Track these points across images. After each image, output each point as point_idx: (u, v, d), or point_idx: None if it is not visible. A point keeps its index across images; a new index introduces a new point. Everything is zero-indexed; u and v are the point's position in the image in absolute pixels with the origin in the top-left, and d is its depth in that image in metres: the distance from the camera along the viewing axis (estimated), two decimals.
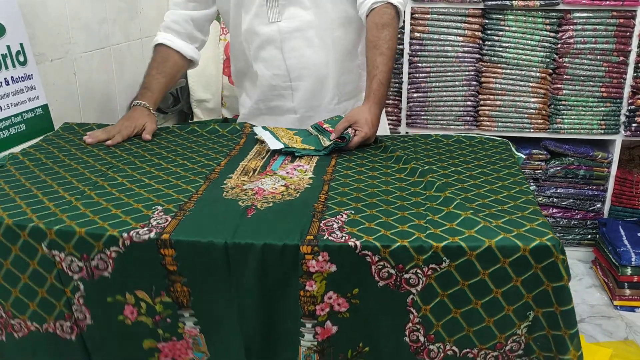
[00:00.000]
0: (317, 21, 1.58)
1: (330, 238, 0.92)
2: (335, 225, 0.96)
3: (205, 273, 0.93)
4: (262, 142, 1.41)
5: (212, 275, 0.93)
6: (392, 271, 0.90)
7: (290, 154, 1.34)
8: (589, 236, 2.89)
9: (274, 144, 1.36)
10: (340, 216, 1.00)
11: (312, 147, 1.37)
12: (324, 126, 1.44)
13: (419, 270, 0.90)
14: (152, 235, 0.93)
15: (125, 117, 1.53)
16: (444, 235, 0.93)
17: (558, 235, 2.89)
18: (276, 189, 1.12)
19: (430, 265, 0.90)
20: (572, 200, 2.83)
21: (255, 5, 1.57)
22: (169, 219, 0.98)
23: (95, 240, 0.95)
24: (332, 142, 1.36)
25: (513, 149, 1.38)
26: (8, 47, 1.44)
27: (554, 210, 2.85)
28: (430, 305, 0.90)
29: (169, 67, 1.66)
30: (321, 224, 0.97)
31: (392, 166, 1.27)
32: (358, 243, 0.91)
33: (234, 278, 0.92)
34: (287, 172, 1.22)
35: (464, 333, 0.92)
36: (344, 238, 0.92)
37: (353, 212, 1.02)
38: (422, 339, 0.92)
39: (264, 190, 1.11)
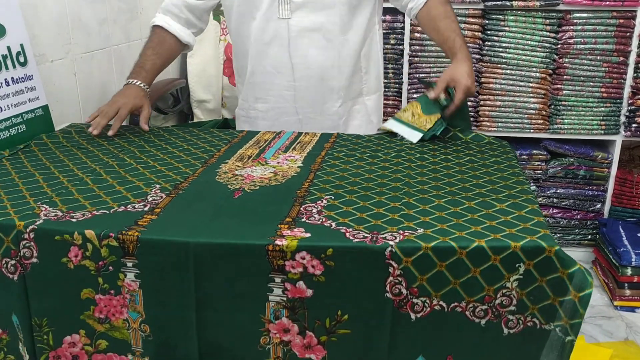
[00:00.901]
0: (327, 23, 1.56)
1: (308, 221, 0.96)
2: (315, 210, 1.01)
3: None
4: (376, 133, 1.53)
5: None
6: (366, 235, 0.91)
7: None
8: (589, 237, 2.89)
9: (413, 136, 1.43)
10: (320, 201, 1.05)
11: (438, 116, 1.44)
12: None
13: (394, 233, 0.91)
14: (146, 209, 1.02)
15: (121, 94, 1.54)
16: (417, 215, 0.98)
17: (558, 235, 2.90)
18: (265, 175, 1.19)
19: (406, 231, 0.92)
20: (572, 201, 2.83)
21: (266, 1, 1.55)
22: (164, 196, 1.07)
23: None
24: (443, 110, 1.45)
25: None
26: (8, 47, 1.44)
27: (554, 211, 2.85)
28: (412, 258, 0.89)
29: (165, 49, 1.66)
30: (301, 208, 1.02)
31: (379, 156, 1.31)
32: (334, 224, 0.95)
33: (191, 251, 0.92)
34: (278, 162, 1.28)
35: (450, 287, 0.91)
36: (321, 220, 0.96)
37: (333, 197, 1.07)
38: (404, 291, 0.90)
39: (253, 176, 1.18)
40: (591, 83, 2.65)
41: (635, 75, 2.60)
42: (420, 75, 2.73)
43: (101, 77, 2.01)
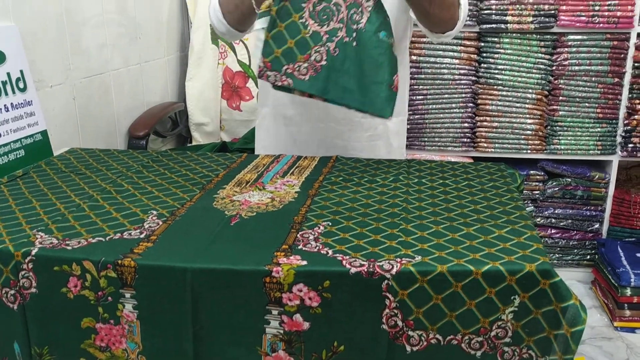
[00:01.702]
0: None
1: (304, 248, 0.96)
2: (311, 237, 1.01)
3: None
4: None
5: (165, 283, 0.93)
6: (363, 262, 0.91)
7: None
8: (588, 257, 2.89)
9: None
10: (317, 228, 1.05)
11: None
12: None
13: (392, 261, 0.91)
14: (142, 236, 1.01)
15: None
16: (415, 242, 0.98)
17: (557, 255, 2.89)
18: (262, 200, 1.19)
19: (404, 259, 0.92)
20: (570, 221, 2.83)
21: None
22: (160, 223, 1.07)
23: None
24: None
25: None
26: (8, 74, 1.45)
27: (552, 231, 2.85)
28: (408, 290, 0.89)
29: None
30: (298, 235, 1.01)
31: (377, 181, 1.31)
32: (330, 251, 0.95)
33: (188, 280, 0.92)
34: (276, 187, 1.28)
35: (446, 319, 0.90)
36: (317, 248, 0.96)
37: (330, 223, 1.07)
38: (400, 323, 0.90)
39: (250, 202, 1.18)
40: (587, 104, 2.67)
41: (630, 96, 2.63)
42: (417, 97, 2.75)
43: (100, 101, 2.02)
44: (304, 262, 0.91)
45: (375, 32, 1.31)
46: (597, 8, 2.52)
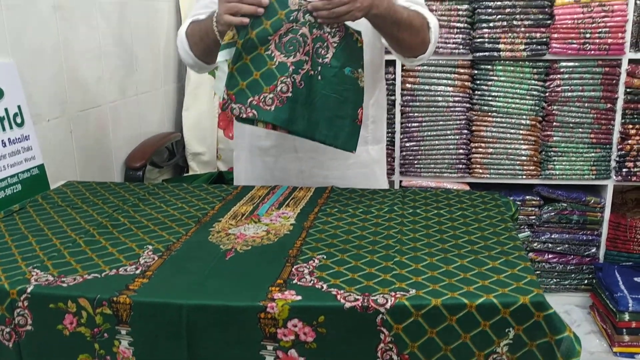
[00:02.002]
0: None
1: (299, 283, 0.96)
2: (306, 270, 1.01)
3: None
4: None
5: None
6: (358, 297, 0.91)
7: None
8: (586, 281, 2.88)
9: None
10: (312, 261, 1.05)
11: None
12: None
13: (386, 295, 0.91)
14: (137, 272, 1.01)
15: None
16: (409, 275, 0.99)
17: (555, 280, 2.89)
18: (257, 233, 1.20)
19: (398, 292, 0.92)
20: (567, 246, 2.84)
21: None
22: (156, 258, 1.08)
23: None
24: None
25: None
26: (6, 109, 1.47)
27: (549, 256, 2.86)
28: (403, 325, 0.89)
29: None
30: (293, 269, 1.02)
31: (372, 212, 1.32)
32: (325, 285, 0.95)
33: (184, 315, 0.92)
34: (271, 220, 1.28)
35: (441, 353, 0.90)
36: (312, 282, 0.97)
37: (325, 257, 1.07)
38: (395, 358, 0.90)
39: (246, 235, 1.18)
40: (580, 129, 2.69)
41: (623, 121, 2.65)
42: (412, 124, 2.77)
43: (97, 133, 2.04)
44: (299, 297, 0.91)
45: (341, 68, 1.33)
46: (588, 35, 2.56)
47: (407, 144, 2.79)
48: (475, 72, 2.70)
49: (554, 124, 2.70)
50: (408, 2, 1.51)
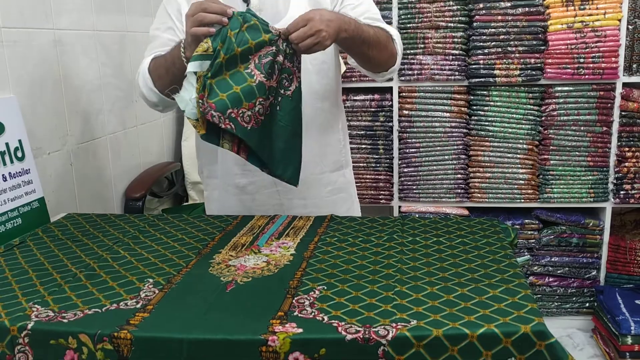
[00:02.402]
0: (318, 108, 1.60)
1: (300, 315, 0.96)
2: (307, 302, 1.02)
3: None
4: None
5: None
6: (359, 328, 0.91)
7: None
8: (587, 304, 2.87)
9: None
10: (312, 292, 1.06)
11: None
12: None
13: (387, 326, 0.92)
14: (138, 306, 1.02)
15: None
16: (410, 305, 0.99)
17: (556, 304, 2.88)
18: (257, 264, 1.20)
19: (399, 323, 0.92)
20: (567, 269, 2.83)
21: None
22: (156, 291, 1.08)
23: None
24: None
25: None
26: (7, 144, 1.48)
27: (550, 279, 2.85)
28: (404, 356, 0.89)
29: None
30: (293, 301, 1.02)
31: (371, 240, 1.33)
32: (326, 317, 0.95)
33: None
34: (271, 250, 1.28)
35: None
36: (313, 314, 0.97)
37: (325, 287, 1.08)
38: None
39: (246, 266, 1.19)
40: (577, 153, 2.71)
41: (619, 144, 2.67)
42: (410, 150, 2.78)
43: (97, 165, 2.05)
44: (300, 330, 0.91)
45: (299, 103, 1.37)
46: (582, 60, 2.59)
47: (406, 170, 2.81)
48: (472, 97, 2.73)
49: (551, 147, 2.72)
50: (366, 19, 1.55)
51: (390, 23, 2.61)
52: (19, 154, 1.52)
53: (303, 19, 1.32)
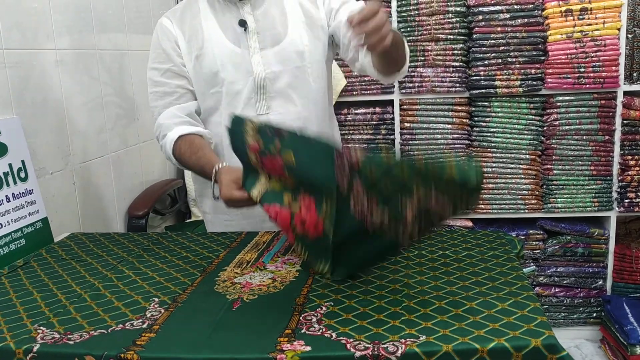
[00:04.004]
0: (305, 112, 1.60)
1: (308, 332, 0.96)
2: (314, 319, 1.01)
3: None
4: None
5: None
6: (368, 345, 0.90)
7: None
8: (594, 314, 2.85)
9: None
10: (319, 309, 1.05)
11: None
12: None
13: (396, 342, 0.91)
14: (144, 326, 1.01)
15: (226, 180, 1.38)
16: (418, 320, 0.99)
17: (563, 314, 2.86)
18: (263, 281, 1.19)
19: (408, 339, 0.91)
20: (573, 279, 2.81)
21: (242, 99, 1.56)
22: (162, 311, 1.07)
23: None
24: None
25: None
26: (10, 165, 1.48)
27: (556, 290, 2.83)
28: None
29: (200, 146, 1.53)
30: (301, 318, 1.01)
31: None
32: (334, 334, 0.95)
33: None
34: (277, 267, 1.28)
35: None
36: (321, 331, 0.96)
37: (332, 304, 1.07)
38: None
39: (252, 284, 1.18)
40: (580, 162, 2.70)
41: (622, 152, 2.66)
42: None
43: (99, 183, 2.04)
44: (308, 348, 0.90)
45: None
46: (582, 70, 2.59)
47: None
48: (473, 109, 2.73)
49: (554, 157, 2.71)
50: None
51: None
52: (22, 175, 1.52)
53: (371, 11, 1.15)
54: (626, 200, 2.70)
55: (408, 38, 2.68)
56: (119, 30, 2.24)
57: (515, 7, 2.60)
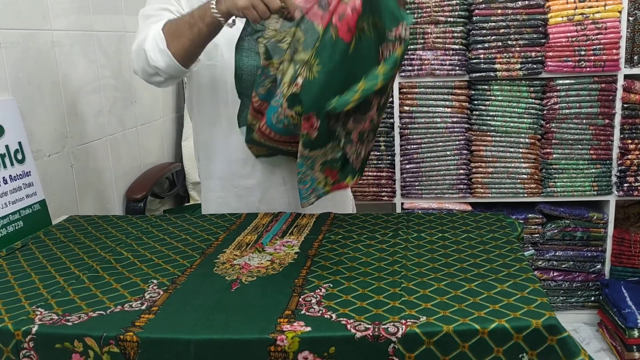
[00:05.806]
0: None
1: (307, 313, 0.95)
2: (314, 300, 1.00)
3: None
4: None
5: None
6: (368, 326, 0.90)
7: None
8: (592, 298, 2.86)
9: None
10: (319, 290, 1.04)
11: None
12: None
13: (397, 323, 0.90)
14: (143, 308, 1.00)
15: None
16: (418, 301, 0.98)
17: (561, 298, 2.87)
18: (262, 263, 1.19)
19: (409, 320, 0.91)
20: (571, 263, 2.82)
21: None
22: (161, 292, 1.07)
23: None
24: None
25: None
26: (7, 146, 1.47)
27: (554, 274, 2.84)
28: (415, 353, 0.88)
29: None
30: (300, 299, 1.01)
31: (376, 237, 1.32)
32: (334, 315, 0.94)
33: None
34: (275, 249, 1.28)
35: None
36: (320, 312, 0.96)
37: (332, 285, 1.06)
38: None
39: (250, 265, 1.18)
40: (579, 146, 2.69)
41: (622, 136, 2.65)
42: (412, 146, 2.77)
43: (97, 166, 2.03)
44: (308, 329, 0.90)
45: None
46: (582, 53, 2.58)
47: (407, 166, 2.79)
48: (473, 92, 2.71)
49: (553, 141, 2.70)
50: None
51: None
52: (19, 157, 1.51)
53: None
54: (625, 185, 2.69)
55: None
56: (116, 11, 2.22)
57: None
